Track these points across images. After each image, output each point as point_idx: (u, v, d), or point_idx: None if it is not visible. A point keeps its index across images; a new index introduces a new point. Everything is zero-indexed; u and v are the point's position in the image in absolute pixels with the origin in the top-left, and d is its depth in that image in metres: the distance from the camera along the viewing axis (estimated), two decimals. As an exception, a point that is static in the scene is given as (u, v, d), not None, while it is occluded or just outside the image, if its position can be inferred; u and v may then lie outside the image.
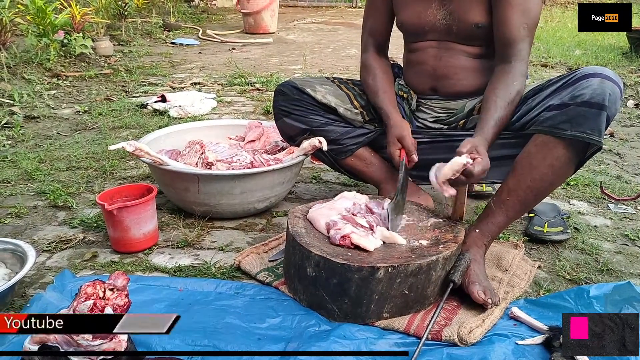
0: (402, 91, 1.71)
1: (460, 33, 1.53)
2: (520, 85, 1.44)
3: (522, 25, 1.44)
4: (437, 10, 1.53)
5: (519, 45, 1.45)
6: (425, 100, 1.66)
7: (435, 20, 1.54)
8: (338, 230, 1.31)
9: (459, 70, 1.58)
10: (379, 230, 1.35)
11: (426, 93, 1.65)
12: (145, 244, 1.60)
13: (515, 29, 1.44)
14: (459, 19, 1.51)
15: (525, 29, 1.44)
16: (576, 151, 1.34)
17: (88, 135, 2.71)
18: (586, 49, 5.43)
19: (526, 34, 1.45)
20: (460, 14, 1.51)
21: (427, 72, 1.62)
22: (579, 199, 2.02)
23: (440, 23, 1.54)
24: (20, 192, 2.00)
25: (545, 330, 1.19)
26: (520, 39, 1.45)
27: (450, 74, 1.59)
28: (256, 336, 1.18)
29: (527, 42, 1.46)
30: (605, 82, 1.27)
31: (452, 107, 1.62)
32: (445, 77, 1.59)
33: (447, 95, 1.62)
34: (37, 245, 1.61)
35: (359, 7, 9.86)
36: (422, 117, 1.68)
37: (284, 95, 1.70)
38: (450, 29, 1.53)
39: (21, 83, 3.55)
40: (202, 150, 1.81)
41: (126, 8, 5.65)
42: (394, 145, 1.56)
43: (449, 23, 1.53)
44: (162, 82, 3.93)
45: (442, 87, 1.62)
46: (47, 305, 1.24)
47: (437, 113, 1.65)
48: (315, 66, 4.66)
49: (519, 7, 1.43)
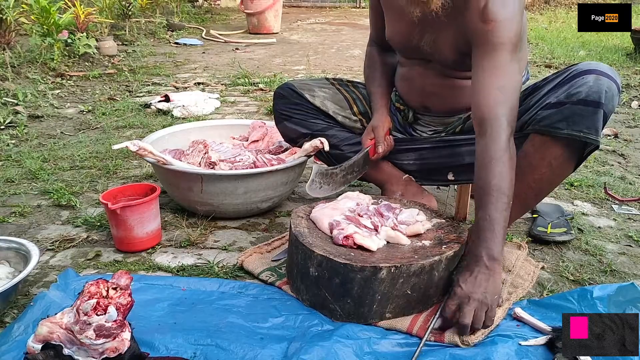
0: (398, 103, 1.71)
1: (443, 61, 1.47)
2: (510, 152, 1.26)
3: (496, 92, 1.28)
4: (419, 36, 1.46)
5: (493, 121, 1.27)
6: (422, 115, 1.66)
7: (418, 44, 1.48)
8: (341, 230, 1.31)
9: (446, 89, 1.53)
10: (383, 230, 1.35)
11: (419, 109, 1.64)
12: (149, 244, 1.60)
13: (489, 100, 1.28)
14: (440, 49, 1.44)
15: (501, 91, 1.27)
16: (574, 150, 1.33)
17: (92, 134, 2.72)
18: (590, 50, 5.41)
19: (501, 102, 1.27)
20: (441, 45, 1.44)
21: (416, 89, 1.59)
22: (582, 199, 2.02)
23: (424, 48, 1.47)
24: (24, 191, 2.01)
25: (549, 331, 1.19)
26: (492, 117, 1.27)
27: (438, 93, 1.54)
28: (259, 335, 1.18)
29: (504, 111, 1.27)
30: (602, 78, 1.26)
31: (448, 122, 1.62)
32: (433, 95, 1.56)
33: (440, 112, 1.60)
34: (40, 244, 1.61)
35: (362, 7, 9.86)
36: (420, 130, 1.68)
37: (284, 99, 1.70)
38: (432, 55, 1.48)
39: (25, 82, 3.56)
40: (205, 150, 1.81)
41: (130, 8, 5.66)
42: (368, 134, 1.61)
43: (432, 50, 1.46)
44: (166, 82, 3.94)
45: (433, 105, 1.59)
46: (50, 304, 1.24)
47: (434, 127, 1.65)
48: (318, 66, 4.66)
49: (493, 69, 1.29)
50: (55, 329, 1.00)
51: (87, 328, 0.98)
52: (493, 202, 1.21)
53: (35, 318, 1.18)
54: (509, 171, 1.24)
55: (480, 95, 1.29)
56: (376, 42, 1.74)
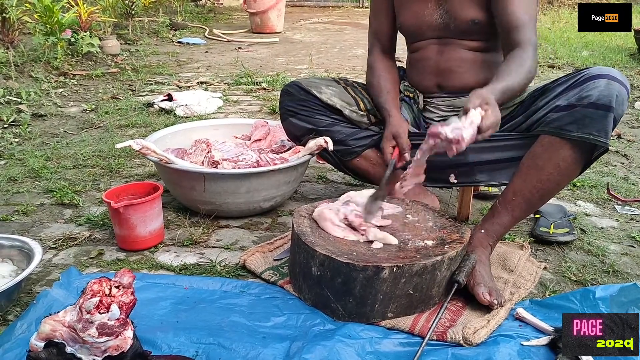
0: (407, 91, 1.72)
1: (458, 29, 1.55)
2: (532, 66, 1.39)
3: (522, 11, 1.42)
4: (433, 10, 1.56)
5: (526, 29, 1.41)
6: (432, 98, 1.67)
7: (432, 19, 1.57)
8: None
9: (461, 63, 1.59)
10: (372, 231, 1.35)
11: (431, 90, 1.66)
12: (151, 242, 1.60)
13: (517, 14, 1.42)
14: (455, 16, 1.53)
15: (527, 13, 1.42)
16: (582, 152, 1.33)
17: (95, 133, 2.72)
18: (594, 50, 5.40)
19: (529, 19, 1.43)
20: (456, 12, 1.52)
21: (430, 69, 1.63)
22: (585, 200, 2.02)
23: (438, 22, 1.56)
24: (27, 189, 2.01)
25: (551, 331, 1.19)
26: (525, 23, 1.41)
27: (453, 68, 1.60)
28: (261, 335, 1.19)
29: (531, 29, 1.43)
30: (613, 83, 1.27)
31: (458, 104, 1.62)
32: (448, 72, 1.60)
33: (452, 91, 1.63)
34: (43, 242, 1.62)
35: (365, 7, 9.85)
36: (429, 117, 1.68)
37: (290, 96, 1.70)
38: (447, 27, 1.55)
39: (28, 81, 3.57)
40: (208, 149, 1.82)
41: (133, 7, 5.67)
42: (388, 141, 1.59)
43: (446, 21, 1.55)
44: (169, 81, 3.95)
45: (446, 83, 1.62)
46: (53, 302, 1.25)
47: (444, 112, 1.65)
48: (321, 66, 4.66)
49: None
50: (58, 327, 1.00)
51: (89, 326, 0.98)
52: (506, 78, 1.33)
53: (38, 316, 1.18)
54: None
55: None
56: (377, 45, 1.74)
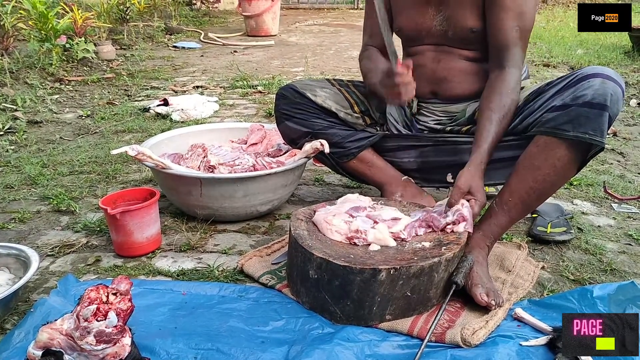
0: None
1: (456, 37, 1.55)
2: (515, 94, 1.44)
3: (514, 29, 1.45)
4: (433, 16, 1.56)
5: (513, 49, 1.46)
6: (426, 104, 1.67)
7: (431, 25, 1.57)
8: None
9: (457, 73, 1.59)
10: (371, 233, 1.35)
11: (426, 97, 1.66)
12: (148, 248, 1.60)
13: (508, 33, 1.45)
14: (455, 24, 1.53)
15: (518, 32, 1.46)
16: (578, 152, 1.34)
17: (91, 139, 2.72)
18: (588, 49, 5.42)
19: (519, 37, 1.46)
20: (456, 20, 1.52)
21: (426, 76, 1.62)
22: (582, 199, 2.02)
23: (437, 28, 1.56)
24: (24, 197, 2.01)
25: (549, 331, 1.19)
26: (513, 43, 1.46)
27: (449, 77, 1.60)
28: (259, 339, 1.19)
29: (521, 47, 1.47)
30: (607, 82, 1.27)
31: (453, 110, 1.63)
32: (444, 80, 1.60)
33: (447, 99, 1.63)
34: (40, 250, 1.61)
35: (360, 8, 9.87)
36: (423, 120, 1.68)
37: (286, 99, 1.70)
38: (446, 34, 1.55)
39: (24, 88, 3.57)
40: (204, 154, 1.82)
41: (128, 12, 5.67)
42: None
43: (445, 28, 1.55)
44: (165, 85, 3.94)
45: (441, 91, 1.62)
46: (50, 310, 1.24)
47: (438, 116, 1.65)
48: (317, 68, 4.67)
49: (513, 11, 1.45)
50: (55, 335, 1.00)
51: (87, 334, 0.98)
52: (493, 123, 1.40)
53: (36, 324, 1.18)
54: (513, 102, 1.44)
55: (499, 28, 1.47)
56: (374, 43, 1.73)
